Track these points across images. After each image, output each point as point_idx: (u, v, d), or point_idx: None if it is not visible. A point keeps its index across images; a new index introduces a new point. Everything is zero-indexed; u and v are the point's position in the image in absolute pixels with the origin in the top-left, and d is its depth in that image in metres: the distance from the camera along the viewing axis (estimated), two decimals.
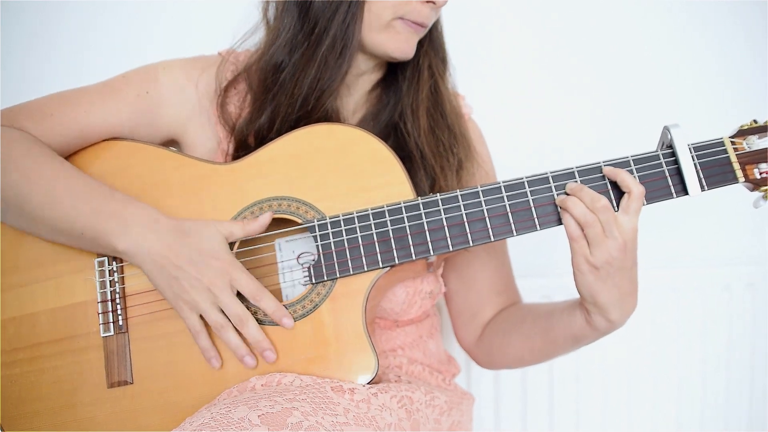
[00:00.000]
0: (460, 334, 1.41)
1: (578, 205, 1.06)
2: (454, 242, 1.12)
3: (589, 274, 1.08)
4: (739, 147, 1.09)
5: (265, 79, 1.21)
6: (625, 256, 1.07)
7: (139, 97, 1.23)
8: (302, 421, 0.96)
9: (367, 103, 1.31)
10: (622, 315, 1.11)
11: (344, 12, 1.15)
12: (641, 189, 1.07)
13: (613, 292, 1.09)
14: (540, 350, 1.25)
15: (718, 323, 1.76)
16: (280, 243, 1.21)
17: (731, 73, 1.77)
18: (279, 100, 1.20)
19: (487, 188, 1.12)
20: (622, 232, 1.06)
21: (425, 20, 1.18)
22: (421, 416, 1.17)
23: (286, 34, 1.20)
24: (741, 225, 1.83)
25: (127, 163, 1.20)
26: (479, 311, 1.37)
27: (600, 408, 1.78)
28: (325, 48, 1.17)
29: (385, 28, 1.18)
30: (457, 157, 1.26)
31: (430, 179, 1.24)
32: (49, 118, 1.18)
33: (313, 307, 1.13)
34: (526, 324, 1.27)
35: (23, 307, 1.19)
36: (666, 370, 1.77)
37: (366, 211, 1.13)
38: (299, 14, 1.19)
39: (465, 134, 1.30)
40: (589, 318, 1.13)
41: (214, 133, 1.26)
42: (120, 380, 1.14)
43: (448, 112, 1.29)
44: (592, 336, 1.16)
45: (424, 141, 1.25)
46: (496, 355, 1.34)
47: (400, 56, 1.20)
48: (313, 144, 1.16)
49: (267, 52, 1.22)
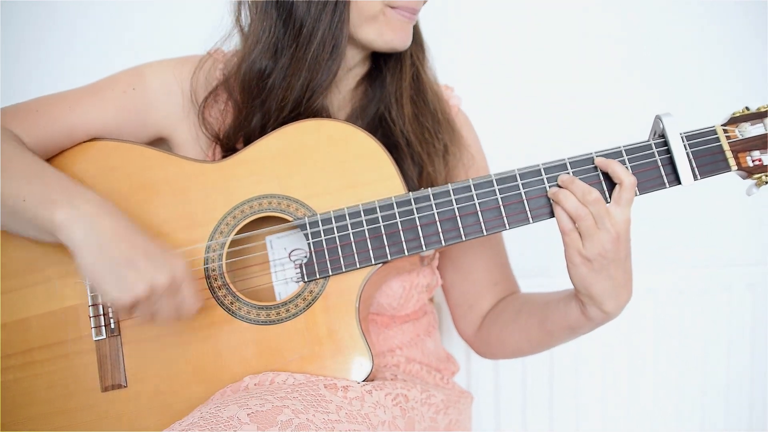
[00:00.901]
0: (459, 325, 1.40)
1: (570, 198, 1.05)
2: (446, 237, 1.10)
3: (582, 267, 1.06)
4: (732, 135, 1.08)
5: (250, 87, 1.18)
6: (619, 248, 1.05)
7: (125, 93, 1.21)
8: (292, 418, 0.95)
9: (353, 98, 1.29)
10: (617, 306, 1.10)
11: (331, 10, 1.13)
12: (633, 180, 1.05)
13: (607, 284, 1.07)
14: (537, 341, 1.24)
15: (718, 323, 1.75)
16: (272, 240, 1.19)
17: (723, 60, 1.77)
18: (269, 105, 1.17)
19: (479, 182, 1.11)
20: (615, 224, 1.04)
21: (416, 5, 1.17)
22: (416, 414, 1.15)
23: (267, 38, 1.16)
24: (741, 225, 1.82)
25: (113, 163, 1.18)
26: (477, 302, 1.35)
27: (600, 407, 1.77)
28: (315, 49, 1.14)
29: (374, 19, 1.15)
30: (443, 142, 1.25)
31: (417, 166, 1.22)
32: (33, 114, 1.16)
33: (306, 305, 1.11)
34: (522, 315, 1.26)
35: (14, 312, 1.17)
36: (666, 370, 1.76)
37: (357, 207, 1.12)
38: (280, 16, 1.15)
39: (449, 119, 1.29)
40: (584, 309, 1.12)
41: (201, 133, 1.24)
42: (114, 383, 1.13)
43: (430, 98, 1.27)
44: (588, 326, 1.15)
45: (409, 128, 1.23)
46: (494, 346, 1.33)
47: (399, 45, 1.18)
48: (302, 140, 1.15)
49: (248, 59, 1.17)
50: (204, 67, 1.23)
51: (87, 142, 1.20)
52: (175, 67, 1.24)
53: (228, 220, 1.15)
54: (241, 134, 1.20)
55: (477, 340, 1.37)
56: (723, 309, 1.75)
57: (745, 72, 1.75)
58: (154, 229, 1.15)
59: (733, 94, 1.72)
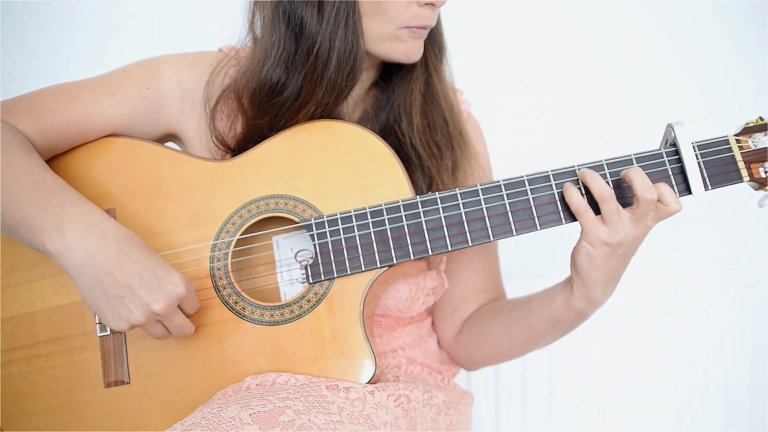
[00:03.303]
0: (439, 329, 1.35)
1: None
2: (452, 242, 1.07)
3: (599, 249, 1.03)
4: (745, 145, 1.04)
5: (260, 101, 1.13)
6: (637, 244, 1.04)
7: (141, 93, 1.17)
8: (294, 419, 0.93)
9: (363, 102, 1.26)
10: (602, 296, 1.08)
11: (343, 27, 1.07)
12: (654, 197, 1.01)
13: (607, 273, 1.05)
14: (518, 338, 1.21)
15: (718, 323, 1.74)
16: (278, 240, 1.17)
17: (737, 69, 1.74)
18: (282, 117, 1.13)
19: (487, 187, 1.07)
20: (651, 222, 1.03)
21: (428, 22, 1.12)
22: (418, 415, 1.13)
23: (278, 53, 1.11)
24: (741, 226, 1.80)
25: (123, 161, 1.16)
26: (460, 307, 1.32)
27: (600, 407, 1.76)
28: (332, 71, 1.09)
29: (390, 38, 1.11)
30: (453, 157, 1.21)
31: (427, 179, 1.19)
32: (48, 114, 1.12)
33: (311, 307, 1.09)
34: (503, 314, 1.23)
35: (21, 306, 1.14)
36: (666, 370, 1.75)
37: (364, 209, 1.09)
38: (289, 31, 1.09)
39: (462, 132, 1.24)
40: (571, 296, 1.10)
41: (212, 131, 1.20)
42: (117, 380, 1.10)
43: (442, 108, 1.22)
44: (569, 318, 1.13)
45: (418, 142, 1.20)
46: (474, 348, 1.28)
47: (407, 61, 1.15)
48: (311, 141, 1.12)
49: (258, 73, 1.12)
50: (221, 72, 1.20)
51: (100, 139, 1.17)
52: (188, 64, 1.20)
53: (234, 219, 1.12)
54: (251, 146, 1.15)
55: (455, 345, 1.32)
56: (723, 309, 1.74)
57: (760, 81, 1.72)
58: (161, 227, 1.12)
59: (747, 104, 1.70)
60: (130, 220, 1.13)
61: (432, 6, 1.11)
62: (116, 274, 0.97)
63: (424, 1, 1.09)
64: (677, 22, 1.72)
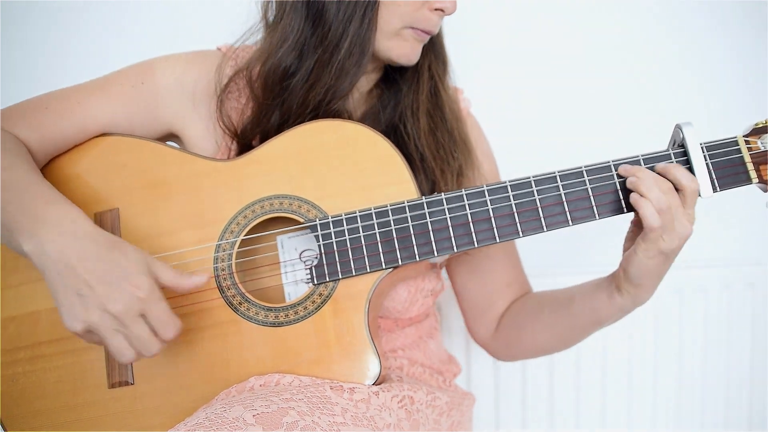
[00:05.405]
0: (473, 328, 1.34)
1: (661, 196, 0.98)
2: (458, 243, 1.04)
3: (654, 259, 1.01)
4: (754, 146, 1.01)
5: (272, 83, 1.12)
6: (682, 246, 1.02)
7: (134, 88, 1.15)
8: (298, 420, 0.91)
9: (366, 102, 1.24)
10: (646, 298, 1.08)
11: (360, 16, 1.08)
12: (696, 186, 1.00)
13: (659, 277, 1.05)
14: (562, 337, 1.22)
15: (718, 323, 1.71)
16: (282, 240, 1.14)
17: (746, 69, 1.70)
18: (289, 104, 1.12)
19: (493, 187, 1.05)
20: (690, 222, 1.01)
21: (434, 28, 1.13)
22: (421, 416, 1.11)
23: (295, 37, 1.11)
24: (741, 225, 1.76)
25: (124, 159, 1.13)
26: (492, 304, 1.30)
27: (600, 408, 1.73)
28: (342, 55, 1.09)
29: (394, 35, 1.12)
30: (458, 162, 1.20)
31: (430, 182, 1.17)
32: (43, 111, 1.11)
33: (315, 308, 1.06)
34: (545, 313, 1.21)
35: (24, 305, 1.12)
36: (666, 370, 1.72)
37: (369, 210, 1.06)
38: (308, 16, 1.10)
39: (466, 140, 1.23)
40: (617, 298, 1.08)
41: (214, 130, 1.18)
42: (121, 381, 1.08)
43: (448, 116, 1.22)
44: (614, 318, 1.13)
45: (423, 143, 1.18)
46: (515, 347, 1.28)
47: (405, 63, 1.15)
48: (315, 141, 1.09)
49: (273, 55, 1.12)
50: (219, 66, 1.18)
51: (97, 137, 1.15)
52: (185, 62, 1.18)
53: (239, 219, 1.09)
54: (258, 130, 1.14)
55: (494, 343, 1.31)
56: (723, 309, 1.71)
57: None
58: (165, 226, 1.10)
59: (756, 105, 1.67)
60: (133, 219, 1.10)
61: (441, 12, 1.12)
62: (78, 269, 0.93)
63: (434, 6, 1.10)
64: (686, 21, 1.70)
